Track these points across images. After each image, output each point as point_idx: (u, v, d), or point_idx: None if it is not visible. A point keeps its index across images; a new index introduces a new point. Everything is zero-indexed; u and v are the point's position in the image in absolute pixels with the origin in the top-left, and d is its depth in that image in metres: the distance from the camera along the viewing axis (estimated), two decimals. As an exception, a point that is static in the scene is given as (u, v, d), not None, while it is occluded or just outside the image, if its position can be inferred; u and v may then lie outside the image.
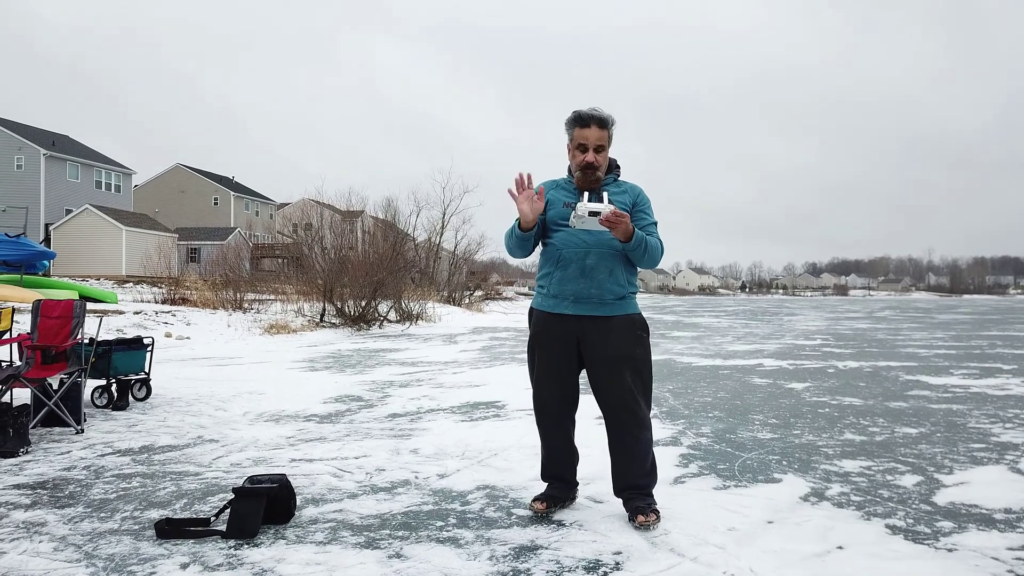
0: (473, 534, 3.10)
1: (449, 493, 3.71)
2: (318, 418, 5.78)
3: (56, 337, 5.54)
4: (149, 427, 5.39)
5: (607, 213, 3.01)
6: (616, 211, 3.01)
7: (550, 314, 3.34)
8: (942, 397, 6.89)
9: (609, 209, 3.01)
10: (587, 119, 3.23)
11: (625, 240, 3.11)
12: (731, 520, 3.27)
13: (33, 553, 2.86)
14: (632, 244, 3.13)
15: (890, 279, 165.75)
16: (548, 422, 3.44)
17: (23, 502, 3.50)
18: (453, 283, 32.10)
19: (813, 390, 7.37)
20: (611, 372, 3.26)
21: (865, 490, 3.74)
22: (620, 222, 3.02)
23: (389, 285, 19.22)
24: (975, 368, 9.45)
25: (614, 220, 3.01)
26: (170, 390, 7.21)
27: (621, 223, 3.03)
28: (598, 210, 3.02)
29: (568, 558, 2.83)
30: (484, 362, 10.39)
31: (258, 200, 54.45)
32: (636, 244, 3.13)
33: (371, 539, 3.03)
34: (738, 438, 5.01)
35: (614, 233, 3.08)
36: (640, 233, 3.14)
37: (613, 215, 3.01)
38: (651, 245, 3.20)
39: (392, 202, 34.52)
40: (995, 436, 5.08)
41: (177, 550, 2.89)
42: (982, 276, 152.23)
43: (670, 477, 3.99)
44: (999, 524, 3.22)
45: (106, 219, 34.33)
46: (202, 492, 3.70)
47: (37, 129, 39.66)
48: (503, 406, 6.37)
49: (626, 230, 3.06)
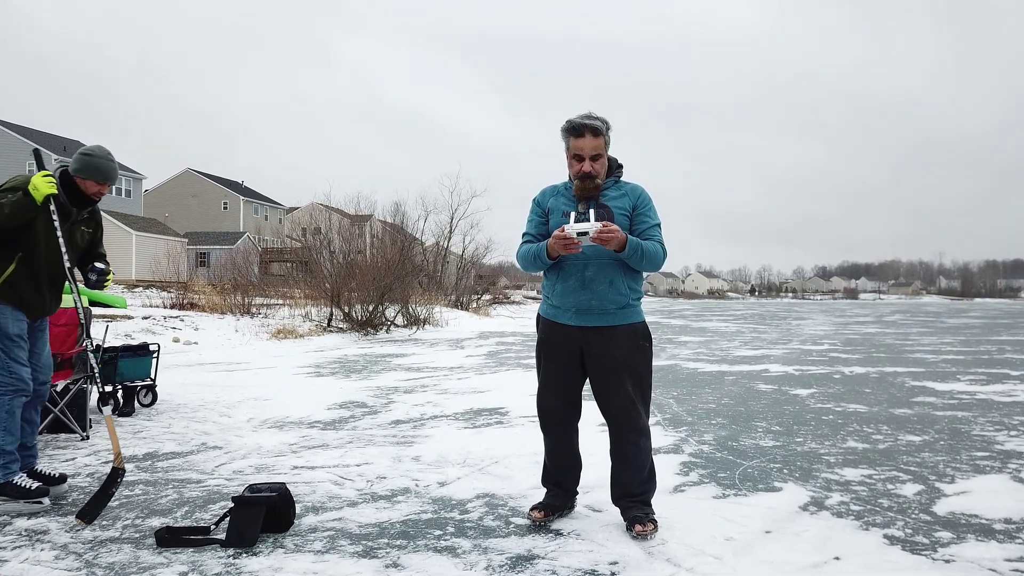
0: (471, 543, 3.11)
1: (449, 501, 3.72)
2: (321, 425, 5.81)
3: (63, 344, 5.59)
4: (154, 434, 5.43)
5: (593, 234, 3.02)
6: (604, 228, 3.02)
7: (554, 323, 3.36)
8: (947, 404, 6.86)
9: (595, 229, 3.02)
10: (580, 128, 3.23)
11: (620, 251, 3.12)
12: (730, 530, 3.27)
13: (34, 561, 2.89)
14: (627, 253, 3.13)
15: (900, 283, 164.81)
16: (551, 428, 3.47)
17: (26, 510, 3.54)
18: (461, 287, 32.13)
19: (818, 396, 7.35)
20: (612, 381, 3.27)
21: (865, 499, 3.73)
22: (611, 237, 3.04)
23: (397, 290, 19.27)
24: (982, 374, 9.40)
25: (605, 237, 3.03)
26: (176, 396, 7.25)
27: (612, 238, 3.04)
28: (586, 230, 3.03)
29: (564, 568, 2.84)
30: (490, 367, 10.40)
31: (267, 204, 54.71)
32: (632, 253, 3.14)
33: (369, 548, 3.05)
34: (740, 446, 5.00)
35: (607, 247, 3.09)
36: (635, 241, 3.14)
37: (601, 233, 3.02)
38: (649, 251, 3.20)
39: (400, 206, 34.66)
40: (999, 444, 5.06)
41: (176, 559, 2.91)
42: (993, 280, 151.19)
43: (670, 486, 3.99)
44: (998, 534, 3.21)
45: (116, 224, 34.57)
46: (203, 500, 3.73)
47: (49, 134, 40.00)
48: (506, 413, 6.38)
49: (620, 241, 3.07)
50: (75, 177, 3.78)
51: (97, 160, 3.79)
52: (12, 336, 3.65)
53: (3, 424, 3.63)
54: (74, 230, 3.89)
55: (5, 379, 3.62)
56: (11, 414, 3.64)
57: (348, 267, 20.10)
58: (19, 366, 3.67)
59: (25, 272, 3.69)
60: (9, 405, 3.63)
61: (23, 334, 3.74)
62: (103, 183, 3.82)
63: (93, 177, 3.78)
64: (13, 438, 3.67)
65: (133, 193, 41.88)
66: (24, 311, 3.74)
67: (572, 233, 3.05)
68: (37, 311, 3.82)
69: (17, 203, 3.52)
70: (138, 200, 42.26)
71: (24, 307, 3.73)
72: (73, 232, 3.88)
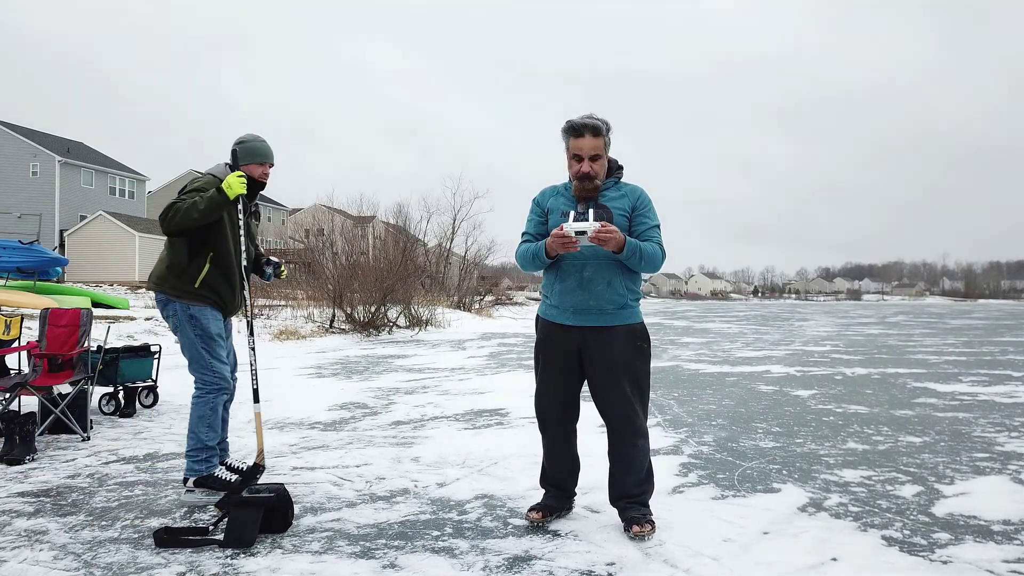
0: (468, 544, 3.12)
1: (447, 502, 3.73)
2: (322, 426, 5.81)
3: (64, 345, 5.61)
4: (155, 434, 5.44)
5: (592, 233, 3.02)
6: (602, 227, 3.03)
7: (553, 323, 3.37)
8: (949, 405, 6.85)
9: (594, 229, 3.03)
10: (580, 129, 3.24)
11: (618, 252, 3.12)
12: (727, 531, 3.27)
13: (33, 562, 2.90)
14: (626, 254, 3.14)
15: (904, 284, 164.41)
16: (549, 429, 3.47)
17: (26, 510, 3.55)
18: (463, 288, 32.12)
19: (819, 398, 7.34)
20: (610, 382, 3.28)
21: (864, 500, 3.73)
22: (609, 238, 3.04)
23: (399, 291, 19.27)
24: (984, 375, 9.38)
25: (603, 236, 3.03)
26: (178, 397, 7.25)
27: (610, 238, 3.04)
28: (584, 230, 3.04)
29: (561, 569, 2.84)
30: (491, 368, 10.40)
31: (270, 206, 54.74)
32: (630, 254, 3.14)
33: (367, 548, 3.05)
34: (740, 447, 5.00)
35: (605, 247, 3.09)
36: (633, 242, 3.15)
37: (600, 233, 3.02)
38: (647, 252, 3.20)
39: (403, 208, 34.69)
40: (999, 445, 5.05)
41: (175, 559, 2.92)
42: (997, 280, 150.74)
43: (668, 487, 3.99)
44: (996, 536, 3.21)
45: (120, 225, 34.60)
46: (203, 501, 3.73)
47: (52, 136, 40.08)
48: (507, 414, 6.39)
49: (618, 242, 3.08)
50: (240, 167, 3.90)
51: (253, 144, 3.93)
52: (214, 336, 3.81)
53: (207, 421, 3.79)
54: (250, 223, 4.05)
55: (210, 378, 3.77)
56: (214, 411, 3.82)
57: (351, 268, 20.12)
58: (222, 365, 3.83)
59: (219, 272, 3.82)
60: (213, 403, 3.80)
61: (223, 333, 3.91)
62: (264, 163, 3.96)
63: (256, 160, 3.92)
64: (215, 434, 3.83)
65: (136, 195, 41.94)
66: (221, 311, 3.90)
67: (570, 232, 3.05)
68: (232, 309, 3.98)
69: (212, 199, 3.65)
70: (141, 201, 42.32)
71: (221, 306, 3.89)
72: (249, 225, 4.04)
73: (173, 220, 3.64)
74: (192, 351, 3.82)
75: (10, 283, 16.69)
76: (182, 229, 3.69)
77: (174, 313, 3.82)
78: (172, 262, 3.83)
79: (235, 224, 3.90)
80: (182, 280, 3.79)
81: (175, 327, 3.86)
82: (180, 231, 3.71)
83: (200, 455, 3.78)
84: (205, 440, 3.78)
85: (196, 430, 3.79)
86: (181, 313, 3.79)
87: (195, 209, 3.62)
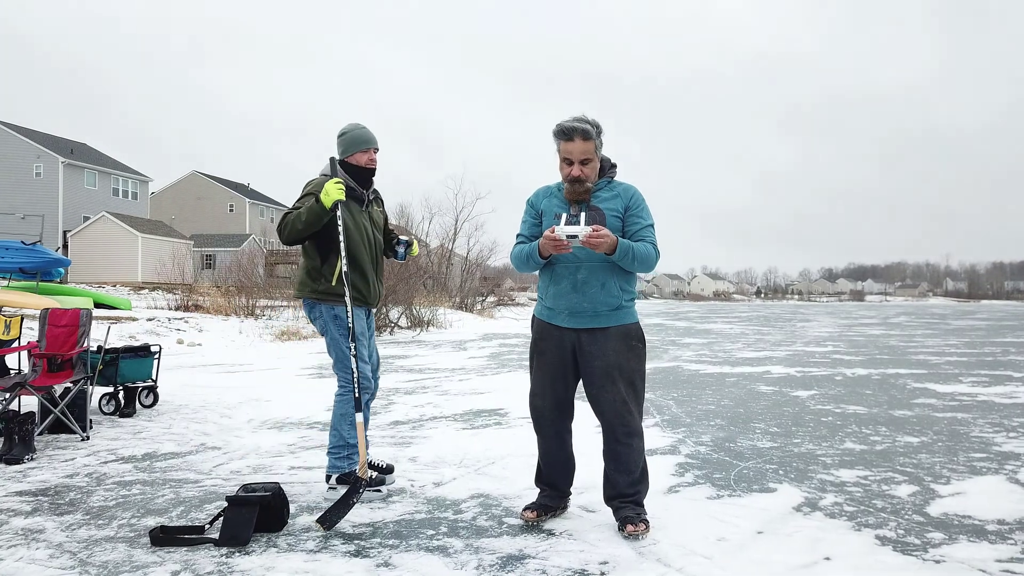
0: (462, 543, 3.13)
1: (443, 502, 3.74)
2: (321, 426, 5.83)
3: (63, 345, 5.63)
4: (154, 434, 5.46)
5: (583, 237, 3.03)
6: (593, 232, 3.04)
7: (548, 324, 3.38)
8: (948, 405, 6.84)
9: (585, 233, 3.04)
10: (570, 132, 3.24)
11: (610, 254, 3.13)
12: (721, 530, 3.28)
13: (29, 560, 2.91)
14: (618, 256, 3.15)
15: (907, 284, 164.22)
16: (543, 429, 3.48)
17: (24, 509, 3.57)
18: (465, 289, 32.15)
19: (818, 398, 7.35)
20: (605, 382, 3.28)
21: (859, 500, 3.73)
22: (600, 242, 3.05)
23: (401, 291, 19.30)
24: (985, 376, 9.37)
25: (594, 241, 3.04)
26: (177, 397, 7.29)
27: (601, 243, 3.05)
28: (575, 234, 3.05)
29: (554, 568, 2.85)
30: (491, 369, 10.42)
31: (273, 207, 54.84)
32: (622, 255, 3.15)
33: (361, 547, 3.06)
34: (737, 447, 5.01)
35: (597, 250, 3.10)
36: (625, 244, 3.15)
37: (591, 238, 3.03)
38: (640, 253, 3.21)
39: (405, 208, 34.67)
40: (997, 446, 5.05)
41: (170, 558, 2.94)
42: (1000, 281, 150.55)
43: (664, 486, 4.00)
44: (990, 535, 3.21)
45: (122, 226, 34.67)
46: (200, 500, 3.75)
47: (55, 137, 40.20)
48: (505, 414, 6.40)
49: (610, 245, 3.09)
50: (346, 159, 3.94)
51: (354, 133, 3.96)
52: (358, 334, 3.82)
53: (350, 419, 3.81)
54: (372, 212, 4.06)
55: (352, 377, 3.76)
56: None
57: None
58: (364, 364, 3.84)
59: (350, 264, 3.84)
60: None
61: (365, 331, 3.92)
62: (368, 149, 3.97)
63: (358, 148, 3.95)
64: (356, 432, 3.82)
65: (139, 195, 42.05)
66: (363, 303, 3.93)
67: (562, 236, 3.06)
68: (372, 298, 4.00)
69: (311, 210, 3.70)
70: (144, 202, 42.42)
71: (361, 298, 3.91)
72: (372, 215, 4.05)
73: (284, 233, 3.77)
74: (337, 350, 3.86)
75: (12, 284, 16.72)
76: (296, 239, 3.80)
77: (320, 315, 3.88)
78: (308, 266, 3.92)
79: (355, 216, 3.90)
80: (319, 282, 3.86)
81: (322, 329, 3.92)
82: (295, 240, 3.82)
83: (342, 452, 3.83)
84: (347, 438, 3.82)
85: (339, 427, 3.84)
86: (327, 314, 3.86)
87: (299, 221, 3.72)
